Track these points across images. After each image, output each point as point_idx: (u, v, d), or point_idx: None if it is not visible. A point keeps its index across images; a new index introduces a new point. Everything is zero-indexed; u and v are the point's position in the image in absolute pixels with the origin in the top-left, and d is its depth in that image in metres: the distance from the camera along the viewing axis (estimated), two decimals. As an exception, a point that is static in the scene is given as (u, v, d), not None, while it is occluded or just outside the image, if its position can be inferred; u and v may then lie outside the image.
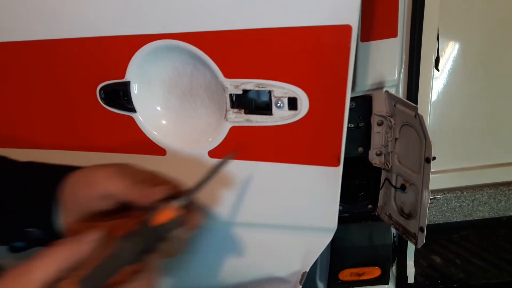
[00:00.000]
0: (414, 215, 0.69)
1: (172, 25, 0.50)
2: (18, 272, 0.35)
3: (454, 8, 0.97)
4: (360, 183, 0.78)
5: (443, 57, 1.01)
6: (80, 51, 0.54)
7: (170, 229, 0.40)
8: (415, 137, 0.63)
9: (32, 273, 0.35)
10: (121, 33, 0.52)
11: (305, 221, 0.61)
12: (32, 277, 0.35)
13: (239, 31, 0.48)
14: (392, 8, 0.60)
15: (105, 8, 0.51)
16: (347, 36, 0.45)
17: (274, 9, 0.46)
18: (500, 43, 1.01)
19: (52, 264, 0.36)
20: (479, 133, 1.09)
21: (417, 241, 0.68)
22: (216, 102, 0.56)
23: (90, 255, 0.38)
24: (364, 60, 0.62)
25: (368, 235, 0.81)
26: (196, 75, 0.55)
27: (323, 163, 0.55)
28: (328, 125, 0.52)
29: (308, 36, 0.46)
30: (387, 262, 0.84)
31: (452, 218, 1.15)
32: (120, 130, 0.59)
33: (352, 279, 0.85)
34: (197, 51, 0.51)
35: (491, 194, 1.12)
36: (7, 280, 0.35)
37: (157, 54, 0.53)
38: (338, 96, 0.49)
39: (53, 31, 0.53)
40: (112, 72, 0.55)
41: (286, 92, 0.51)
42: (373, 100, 0.68)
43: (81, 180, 0.44)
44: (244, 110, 0.54)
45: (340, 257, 0.83)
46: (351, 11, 0.44)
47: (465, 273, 1.02)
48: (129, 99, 0.56)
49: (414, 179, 0.67)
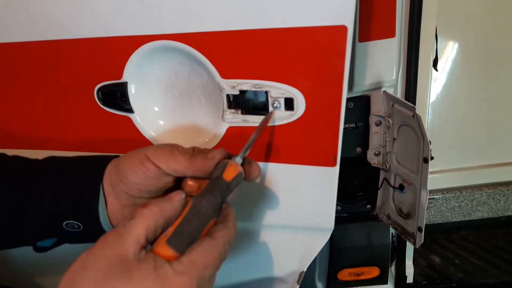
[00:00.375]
0: (413, 215, 0.69)
1: (169, 26, 0.50)
2: (118, 232, 0.37)
3: (453, 8, 0.96)
4: (359, 183, 0.78)
5: (442, 57, 1.01)
6: (78, 52, 0.54)
7: (238, 182, 0.43)
8: (413, 137, 0.63)
9: (129, 234, 0.37)
10: (118, 34, 0.52)
11: (302, 221, 0.61)
12: (131, 237, 0.36)
13: (235, 31, 0.48)
14: (390, 8, 0.60)
15: (102, 9, 0.51)
16: (342, 36, 0.45)
17: (270, 10, 0.46)
18: (499, 43, 1.00)
19: (145, 224, 0.37)
20: (478, 133, 1.09)
21: (415, 241, 0.68)
22: (213, 102, 0.56)
23: (176, 214, 0.40)
24: (362, 60, 0.62)
25: (366, 235, 0.81)
26: (193, 75, 0.56)
27: (320, 163, 0.55)
28: (324, 125, 0.52)
29: (304, 37, 0.46)
30: (385, 262, 0.84)
31: (451, 218, 1.15)
32: (118, 130, 0.59)
33: (351, 279, 0.85)
34: (194, 52, 0.51)
35: (490, 194, 1.11)
36: (109, 240, 0.37)
37: (154, 55, 0.53)
38: (334, 96, 0.49)
39: (50, 32, 0.54)
40: (109, 73, 0.55)
41: (282, 92, 0.51)
42: (371, 100, 0.68)
43: (135, 163, 0.44)
44: (241, 110, 0.54)
45: (339, 257, 0.83)
46: (346, 12, 0.44)
47: (464, 273, 1.02)
48: (127, 100, 0.57)
49: (412, 179, 0.67)
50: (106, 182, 0.46)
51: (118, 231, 0.37)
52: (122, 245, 0.36)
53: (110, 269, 0.35)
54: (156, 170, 0.44)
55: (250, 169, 0.46)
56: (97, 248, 0.36)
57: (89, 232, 0.47)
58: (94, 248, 0.36)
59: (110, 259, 0.35)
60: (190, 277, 0.36)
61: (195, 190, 0.45)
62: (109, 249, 0.36)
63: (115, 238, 0.36)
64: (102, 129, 0.60)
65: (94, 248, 0.37)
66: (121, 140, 0.60)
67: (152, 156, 0.44)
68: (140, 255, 0.36)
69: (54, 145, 0.62)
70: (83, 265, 0.35)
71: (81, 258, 0.36)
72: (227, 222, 0.42)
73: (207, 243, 0.38)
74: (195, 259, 0.37)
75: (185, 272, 0.36)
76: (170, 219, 0.40)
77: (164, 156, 0.44)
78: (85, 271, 0.35)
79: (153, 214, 0.38)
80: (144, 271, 0.35)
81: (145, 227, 0.37)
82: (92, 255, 0.36)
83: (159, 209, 0.39)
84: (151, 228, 0.38)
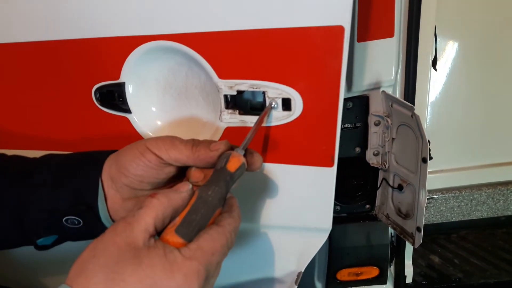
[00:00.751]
0: (412, 215, 0.69)
1: (167, 26, 0.50)
2: (127, 221, 0.38)
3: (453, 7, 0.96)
4: (358, 183, 0.78)
5: (442, 57, 1.01)
6: (75, 52, 0.54)
7: (241, 173, 0.45)
8: (412, 137, 0.63)
9: (138, 222, 0.37)
10: (115, 34, 0.52)
11: (299, 221, 0.61)
12: (139, 226, 0.37)
13: (232, 32, 0.48)
14: (388, 8, 0.60)
15: (100, 9, 0.51)
16: (339, 37, 0.45)
17: (267, 10, 0.46)
18: (499, 43, 1.00)
19: (154, 213, 0.38)
20: (478, 133, 1.08)
21: (414, 241, 0.68)
22: (211, 103, 0.56)
23: (184, 204, 0.41)
24: (361, 60, 0.61)
25: (366, 235, 0.81)
26: (191, 76, 0.56)
27: (318, 164, 0.55)
28: (322, 125, 0.52)
29: (301, 37, 0.46)
30: (385, 262, 0.84)
31: (450, 217, 1.14)
32: (116, 131, 0.59)
33: (350, 279, 0.85)
34: (191, 52, 0.51)
35: (490, 193, 1.11)
36: (118, 228, 0.37)
37: (151, 55, 0.53)
38: (332, 96, 0.49)
39: (47, 33, 0.54)
40: (107, 73, 0.55)
41: (280, 93, 0.51)
42: (370, 100, 0.68)
43: (136, 155, 0.45)
44: (238, 111, 0.54)
45: (338, 257, 0.83)
46: (343, 12, 0.44)
47: (463, 272, 1.02)
48: (124, 100, 0.57)
49: (411, 179, 0.67)
50: (105, 176, 0.47)
51: (127, 220, 0.38)
52: (131, 233, 0.37)
53: (120, 255, 0.36)
54: (157, 160, 0.45)
55: (253, 159, 0.47)
56: (107, 236, 0.37)
57: (89, 228, 0.48)
58: (104, 236, 0.37)
59: (120, 245, 0.36)
60: (198, 261, 0.37)
61: (201, 180, 0.46)
62: (118, 237, 0.37)
63: (124, 226, 0.37)
64: (100, 130, 0.60)
65: (103, 236, 0.37)
66: (119, 140, 0.60)
67: (153, 146, 0.45)
68: (149, 242, 0.37)
69: (52, 146, 0.62)
70: (92, 253, 0.36)
71: (90, 247, 0.37)
72: (232, 211, 0.43)
73: (214, 230, 0.40)
74: (203, 245, 0.38)
75: (194, 257, 0.37)
76: (178, 209, 0.40)
77: (165, 146, 0.44)
78: (94, 258, 0.36)
79: (162, 204, 0.39)
80: (153, 257, 0.36)
81: (154, 217, 0.38)
82: (101, 243, 0.37)
83: (167, 199, 0.39)
84: (159, 218, 0.39)
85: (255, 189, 0.59)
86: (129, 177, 0.45)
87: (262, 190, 0.59)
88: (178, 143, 0.45)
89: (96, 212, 0.46)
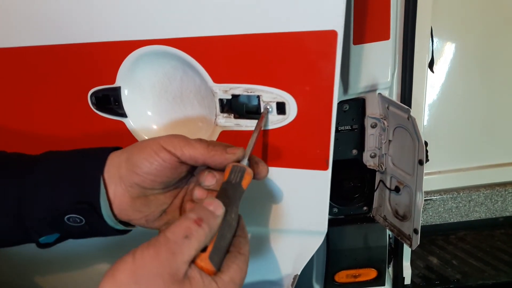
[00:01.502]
0: (409, 217, 0.69)
1: (162, 31, 0.50)
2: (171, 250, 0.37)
3: (450, 9, 0.96)
4: (355, 185, 0.78)
5: (439, 58, 1.01)
6: (71, 57, 0.55)
7: (248, 187, 0.45)
8: (409, 139, 0.63)
9: (183, 254, 0.37)
10: (111, 39, 0.52)
11: (295, 224, 0.61)
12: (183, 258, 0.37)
13: (227, 36, 0.48)
14: (384, 10, 0.60)
15: (95, 14, 0.51)
16: (332, 41, 0.45)
17: (261, 15, 0.46)
18: (496, 43, 1.00)
19: (198, 245, 0.38)
20: (475, 134, 1.08)
21: (411, 243, 0.68)
22: (206, 107, 0.56)
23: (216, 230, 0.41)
24: (357, 62, 0.62)
25: (363, 236, 0.81)
26: (186, 80, 0.56)
27: (312, 167, 0.55)
28: (316, 129, 0.52)
29: (295, 42, 0.46)
30: (383, 263, 0.84)
31: (448, 219, 1.14)
32: (112, 135, 0.59)
33: (348, 280, 0.85)
34: (186, 57, 0.51)
35: (488, 194, 1.11)
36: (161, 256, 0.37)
37: (147, 60, 0.53)
38: (326, 100, 0.49)
39: (43, 37, 0.54)
40: (102, 78, 0.55)
41: (274, 97, 0.51)
42: (366, 103, 0.68)
43: (150, 154, 0.44)
44: (233, 114, 0.54)
45: (336, 259, 0.83)
46: (336, 17, 0.44)
47: (462, 274, 1.02)
48: (120, 105, 0.57)
49: (408, 181, 0.67)
50: (111, 175, 0.46)
51: (171, 249, 0.37)
52: (175, 264, 0.37)
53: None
54: (172, 159, 0.44)
55: (258, 169, 0.47)
56: (150, 264, 0.36)
57: (91, 226, 0.47)
58: (145, 262, 0.36)
59: (164, 278, 0.36)
60: None
61: (213, 184, 0.46)
62: (162, 268, 0.36)
63: (168, 256, 0.37)
64: (95, 134, 0.60)
65: (144, 260, 0.36)
66: (114, 144, 0.59)
67: (167, 144, 0.44)
68: (188, 272, 0.37)
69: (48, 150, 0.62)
70: (134, 279, 0.36)
71: (128, 267, 0.36)
72: (245, 236, 0.44)
73: (240, 260, 0.41)
74: (235, 277, 0.40)
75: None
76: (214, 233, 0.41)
77: (180, 144, 0.44)
78: (137, 285, 0.36)
79: (205, 234, 0.39)
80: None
81: (197, 249, 0.38)
82: (143, 269, 0.36)
83: (209, 228, 0.39)
84: (201, 248, 0.39)
85: (250, 193, 0.59)
86: (142, 176, 0.45)
87: (257, 193, 0.59)
88: (193, 141, 0.45)
89: (98, 210, 0.46)
